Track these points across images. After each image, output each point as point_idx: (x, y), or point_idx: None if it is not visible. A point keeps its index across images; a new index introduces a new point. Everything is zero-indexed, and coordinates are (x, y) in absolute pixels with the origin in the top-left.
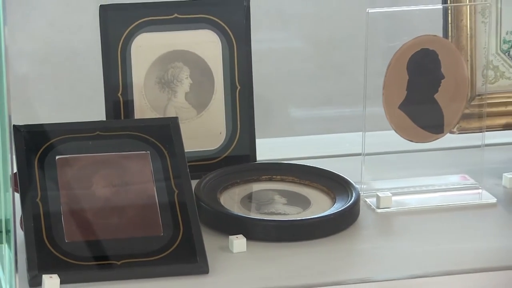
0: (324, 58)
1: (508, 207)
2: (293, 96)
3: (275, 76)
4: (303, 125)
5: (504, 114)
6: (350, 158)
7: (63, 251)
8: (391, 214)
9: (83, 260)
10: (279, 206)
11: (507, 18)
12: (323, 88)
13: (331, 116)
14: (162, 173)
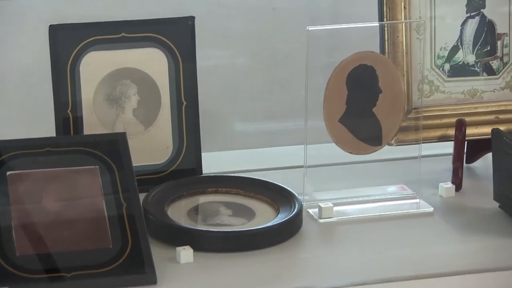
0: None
1: (444, 216)
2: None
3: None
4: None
5: (439, 126)
6: (293, 170)
7: (14, 265)
8: (333, 224)
9: (34, 273)
10: (224, 217)
11: (440, 35)
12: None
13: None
14: (111, 187)
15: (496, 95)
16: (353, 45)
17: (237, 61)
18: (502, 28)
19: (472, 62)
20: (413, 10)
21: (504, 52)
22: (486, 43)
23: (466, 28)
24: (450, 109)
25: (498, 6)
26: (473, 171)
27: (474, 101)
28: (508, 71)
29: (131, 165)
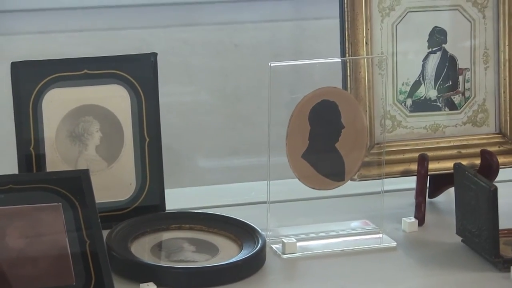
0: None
1: (407, 251)
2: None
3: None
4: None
5: (401, 161)
6: (256, 206)
7: None
8: (296, 259)
9: None
10: (188, 253)
11: (402, 70)
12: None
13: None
14: (74, 224)
15: (458, 129)
16: (316, 81)
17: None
18: (463, 63)
19: (434, 97)
20: (375, 45)
21: (465, 87)
22: (448, 78)
23: (428, 63)
24: (412, 144)
25: (460, 41)
26: (436, 205)
27: (437, 136)
28: (470, 105)
29: (94, 202)
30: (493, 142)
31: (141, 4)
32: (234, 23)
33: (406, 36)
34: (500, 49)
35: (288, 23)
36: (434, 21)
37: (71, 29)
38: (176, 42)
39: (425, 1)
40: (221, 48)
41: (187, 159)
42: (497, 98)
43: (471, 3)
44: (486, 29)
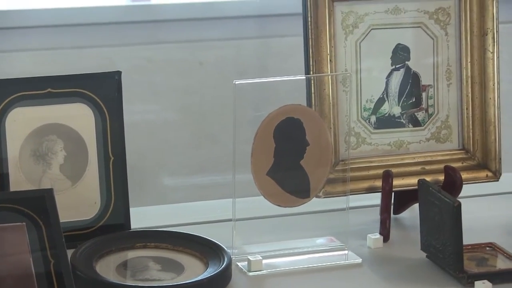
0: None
1: (372, 267)
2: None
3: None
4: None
5: (366, 178)
6: (221, 224)
7: None
8: (262, 276)
9: None
10: (153, 272)
11: (366, 87)
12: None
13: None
14: (38, 243)
15: (422, 146)
16: (280, 98)
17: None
18: (426, 80)
19: (398, 114)
20: (339, 63)
21: (429, 103)
22: (411, 94)
23: (392, 80)
24: (377, 161)
25: (422, 58)
26: (401, 221)
27: (401, 153)
28: (433, 122)
29: (59, 221)
30: (456, 158)
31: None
32: (199, 41)
33: (370, 53)
34: (463, 65)
35: (253, 41)
36: (397, 38)
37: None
38: (141, 60)
39: (388, 19)
40: (186, 66)
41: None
42: (460, 114)
43: (434, 21)
44: (448, 46)
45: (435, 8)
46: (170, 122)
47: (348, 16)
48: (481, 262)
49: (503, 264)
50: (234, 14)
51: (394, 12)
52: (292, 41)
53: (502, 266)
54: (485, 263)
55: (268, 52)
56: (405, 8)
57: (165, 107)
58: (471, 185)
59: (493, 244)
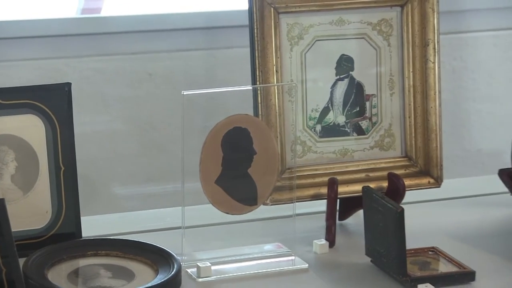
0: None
1: (318, 272)
2: (116, 174)
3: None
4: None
5: (312, 185)
6: (171, 232)
7: None
8: (211, 282)
9: None
10: (104, 280)
11: (312, 97)
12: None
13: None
14: None
15: (366, 154)
16: (228, 109)
17: (115, 125)
18: (370, 89)
19: (343, 123)
20: (285, 73)
21: (372, 112)
22: (355, 104)
23: (336, 90)
24: (322, 169)
25: (366, 68)
26: (346, 227)
27: (345, 160)
28: (377, 130)
29: (10, 230)
30: (399, 166)
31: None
32: (148, 53)
33: (315, 64)
34: (405, 75)
35: (201, 52)
36: (341, 49)
37: None
38: (90, 72)
39: (333, 30)
40: (135, 77)
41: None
42: (403, 123)
43: (377, 32)
44: (391, 57)
45: (378, 20)
46: (120, 132)
47: (293, 27)
48: (424, 266)
49: (445, 268)
50: (182, 26)
51: (338, 24)
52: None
53: (444, 270)
54: (427, 266)
55: (215, 63)
56: (348, 19)
57: (115, 117)
58: (414, 192)
59: (435, 249)
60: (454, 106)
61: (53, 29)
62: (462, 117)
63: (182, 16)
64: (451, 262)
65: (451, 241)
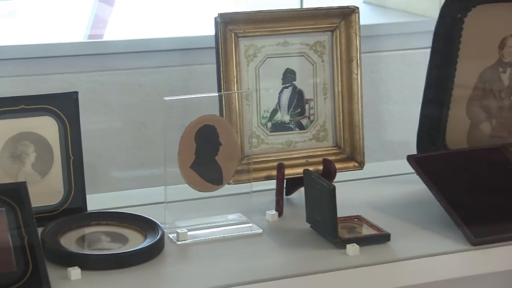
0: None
1: (270, 236)
2: (115, 162)
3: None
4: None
5: (265, 169)
6: (157, 206)
7: None
8: (187, 244)
9: None
10: (105, 243)
11: (264, 101)
12: (137, 155)
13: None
14: (15, 224)
15: (306, 144)
16: (200, 110)
17: (114, 124)
18: (308, 95)
19: (288, 121)
20: (243, 83)
21: (310, 112)
22: (297, 106)
23: (283, 96)
24: (272, 156)
25: (305, 79)
26: (291, 201)
27: (290, 149)
28: (314, 126)
29: (31, 206)
30: (332, 153)
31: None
32: (139, 68)
33: (266, 75)
34: (335, 84)
35: (180, 68)
36: (286, 64)
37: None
38: (95, 84)
39: (279, 50)
40: (129, 88)
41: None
42: (334, 120)
43: (313, 51)
44: (324, 70)
45: (314, 42)
46: (118, 130)
47: (249, 48)
48: (351, 230)
49: (367, 231)
50: (165, 48)
51: (283, 45)
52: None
53: (366, 233)
54: (354, 230)
55: (191, 76)
56: (291, 41)
57: (113, 118)
58: (343, 173)
59: (360, 217)
60: (373, 108)
61: (66, 51)
62: (378, 115)
63: (165, 40)
64: (372, 227)
65: (371, 211)
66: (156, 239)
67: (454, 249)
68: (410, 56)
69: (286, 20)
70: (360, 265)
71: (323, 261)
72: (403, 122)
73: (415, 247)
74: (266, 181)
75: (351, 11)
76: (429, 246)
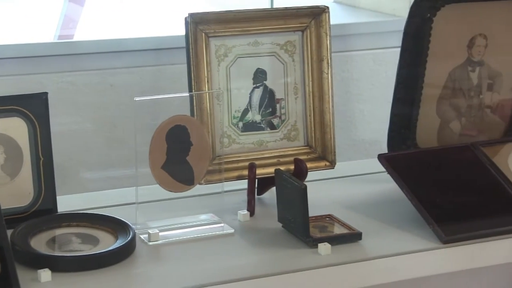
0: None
1: (242, 235)
2: (85, 162)
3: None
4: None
5: (236, 169)
6: (128, 206)
7: None
8: (159, 245)
9: None
10: (75, 245)
11: (235, 101)
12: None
13: (114, 176)
14: None
15: (277, 144)
16: (171, 110)
17: (84, 125)
18: (279, 95)
19: (259, 120)
20: (214, 83)
21: (282, 112)
22: (268, 106)
23: (254, 95)
24: (244, 156)
25: (276, 78)
26: (263, 201)
27: (261, 149)
28: (285, 126)
29: (0, 208)
30: (303, 152)
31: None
32: (110, 69)
33: (237, 75)
34: (306, 84)
35: (151, 68)
36: (257, 64)
37: None
38: (66, 84)
39: (250, 49)
40: (100, 88)
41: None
42: (305, 120)
43: (284, 50)
44: (295, 69)
45: (285, 41)
46: (88, 130)
47: (220, 48)
48: (322, 229)
49: (339, 230)
50: (136, 48)
51: (254, 45)
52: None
53: (338, 232)
54: (325, 229)
55: (162, 76)
56: (262, 41)
57: (84, 119)
58: (314, 172)
59: (331, 216)
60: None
61: (36, 51)
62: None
63: (136, 40)
64: (343, 226)
65: (343, 210)
66: (127, 240)
67: (425, 247)
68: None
69: (257, 20)
70: (331, 264)
71: (295, 261)
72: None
73: (387, 246)
74: (237, 181)
75: (321, 10)
76: (400, 244)
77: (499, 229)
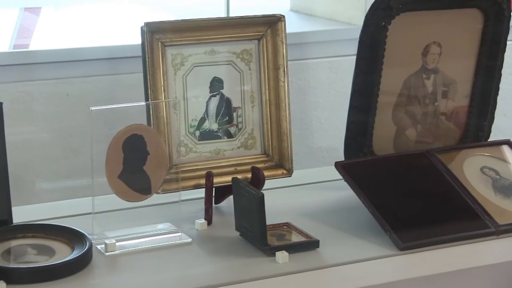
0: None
1: (200, 244)
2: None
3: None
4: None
5: (193, 178)
6: (84, 217)
7: None
8: (116, 255)
9: None
10: (31, 256)
11: (192, 109)
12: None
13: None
14: None
15: (234, 152)
16: (127, 120)
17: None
18: (236, 103)
19: (216, 129)
20: (171, 92)
21: (238, 120)
22: (225, 114)
23: (210, 104)
24: (201, 165)
25: (233, 87)
26: (220, 209)
27: (219, 158)
28: (242, 134)
29: None
30: (260, 161)
31: None
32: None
33: (194, 84)
34: (263, 92)
35: (107, 77)
36: (213, 72)
37: None
38: (21, 94)
39: (206, 58)
40: (56, 97)
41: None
42: (262, 128)
43: (240, 59)
44: (251, 78)
45: (241, 50)
46: (44, 140)
47: (176, 57)
48: (280, 237)
49: (296, 238)
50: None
51: (210, 53)
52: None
53: (295, 240)
54: (283, 238)
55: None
56: (218, 50)
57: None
58: (271, 180)
59: (289, 224)
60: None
61: None
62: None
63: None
64: (301, 233)
65: (300, 218)
66: (84, 251)
67: (382, 254)
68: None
69: (213, 28)
70: (289, 272)
71: (253, 269)
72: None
73: (344, 253)
74: (195, 190)
75: (277, 19)
76: (358, 251)
77: (456, 235)
